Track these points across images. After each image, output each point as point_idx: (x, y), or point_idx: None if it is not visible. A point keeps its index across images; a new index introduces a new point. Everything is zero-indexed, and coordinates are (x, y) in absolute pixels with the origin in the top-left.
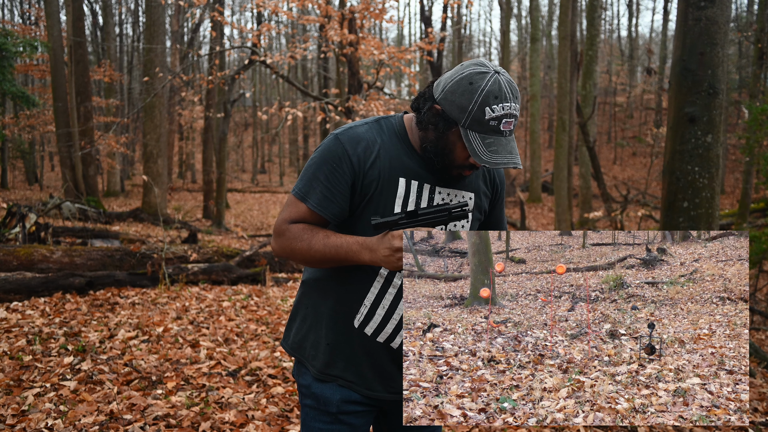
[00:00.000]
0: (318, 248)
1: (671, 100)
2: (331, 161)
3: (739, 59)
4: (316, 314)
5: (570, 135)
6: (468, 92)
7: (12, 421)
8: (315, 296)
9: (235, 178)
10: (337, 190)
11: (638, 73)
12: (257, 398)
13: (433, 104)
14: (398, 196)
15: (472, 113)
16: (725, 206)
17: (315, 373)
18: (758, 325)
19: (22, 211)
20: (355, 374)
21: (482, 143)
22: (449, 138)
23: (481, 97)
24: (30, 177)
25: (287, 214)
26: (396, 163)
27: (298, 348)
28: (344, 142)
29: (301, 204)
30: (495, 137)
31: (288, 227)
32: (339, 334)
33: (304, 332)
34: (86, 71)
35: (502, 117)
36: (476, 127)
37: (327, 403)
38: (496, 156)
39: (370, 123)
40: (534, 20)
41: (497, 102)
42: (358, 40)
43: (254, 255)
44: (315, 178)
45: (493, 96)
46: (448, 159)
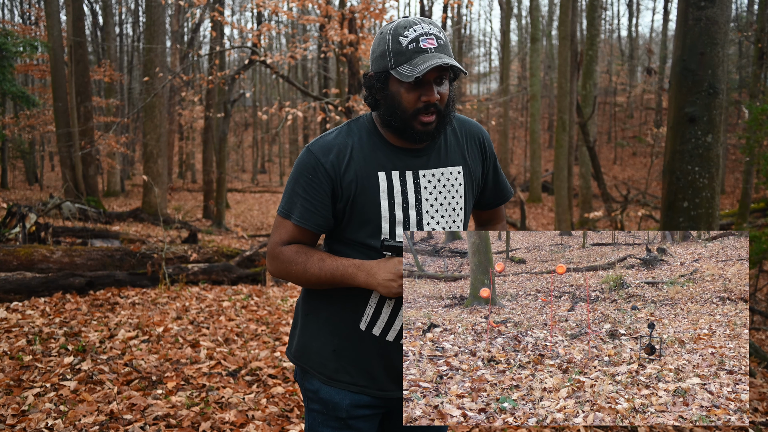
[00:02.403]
0: (314, 272)
1: (671, 100)
2: (306, 174)
3: (739, 59)
4: (318, 321)
5: (570, 135)
6: (381, 39)
7: (12, 421)
8: (316, 303)
9: (235, 178)
10: (317, 200)
11: (638, 73)
12: (257, 398)
13: (368, 75)
14: (382, 190)
15: (390, 51)
16: (725, 206)
17: (324, 379)
18: (758, 325)
19: (22, 211)
20: (367, 378)
21: (411, 67)
22: (391, 90)
23: (391, 34)
24: (30, 177)
25: (278, 236)
26: (371, 159)
27: (301, 356)
28: (316, 153)
29: (287, 222)
30: (421, 56)
31: (281, 250)
32: (345, 340)
33: (306, 340)
34: (86, 71)
35: (417, 37)
36: (401, 59)
37: (336, 408)
38: (422, 64)
39: (339, 128)
40: (534, 20)
41: (407, 29)
42: (358, 40)
43: (254, 255)
44: (294, 194)
45: (402, 27)
46: (401, 111)
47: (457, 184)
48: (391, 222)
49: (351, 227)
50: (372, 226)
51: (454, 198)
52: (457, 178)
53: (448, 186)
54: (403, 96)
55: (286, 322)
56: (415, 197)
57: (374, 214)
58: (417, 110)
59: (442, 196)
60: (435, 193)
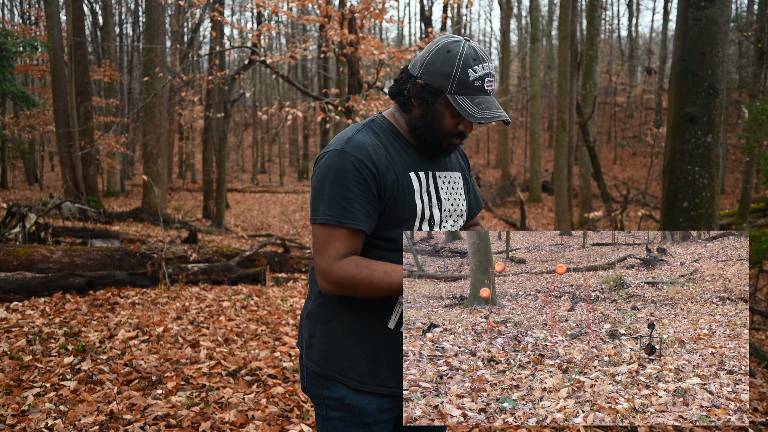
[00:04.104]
0: (382, 287)
1: (671, 100)
2: (350, 175)
3: (739, 59)
4: (342, 326)
5: (570, 135)
6: (449, 59)
7: (12, 421)
8: (337, 308)
9: (235, 178)
10: (368, 201)
11: (638, 73)
12: (257, 398)
13: (416, 80)
14: (416, 190)
15: (456, 77)
16: (725, 206)
17: (355, 384)
18: (758, 325)
19: (22, 211)
20: (396, 378)
21: (472, 104)
22: (437, 108)
23: (462, 61)
24: (30, 177)
25: (333, 251)
26: (401, 159)
27: (327, 364)
28: (353, 153)
29: (339, 230)
30: (482, 96)
31: (340, 266)
32: (374, 341)
33: (331, 347)
34: (86, 71)
35: (484, 76)
36: (463, 90)
37: (363, 414)
38: (488, 112)
39: (362, 129)
40: (534, 20)
41: (477, 63)
42: (358, 40)
43: (254, 255)
44: (341, 198)
45: (472, 58)
46: (438, 130)
47: (459, 187)
48: (421, 220)
49: (387, 226)
50: (408, 225)
51: (459, 201)
52: (458, 182)
53: (455, 188)
54: (446, 119)
55: (286, 322)
56: (437, 196)
57: (411, 213)
58: (450, 134)
59: (453, 197)
60: (449, 194)
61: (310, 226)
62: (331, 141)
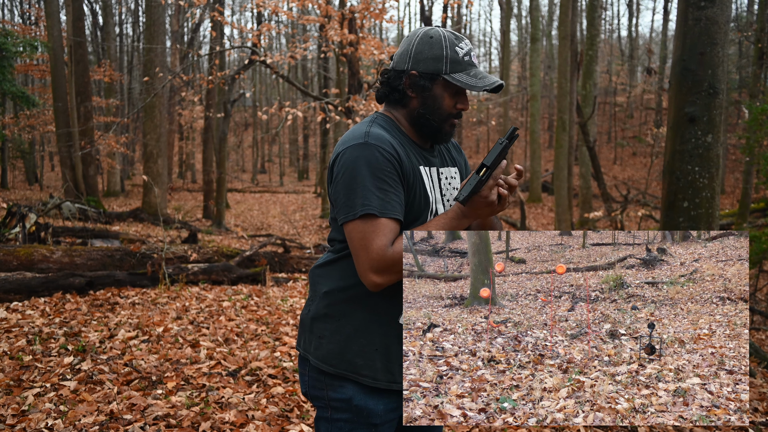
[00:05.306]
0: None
1: (671, 100)
2: (384, 166)
3: (739, 59)
4: (353, 323)
5: (570, 135)
6: (435, 44)
7: (12, 421)
8: (346, 306)
9: (235, 178)
10: (401, 191)
11: (638, 73)
12: (257, 398)
13: (409, 73)
14: (426, 183)
15: (448, 57)
16: (725, 206)
17: (369, 381)
18: (758, 325)
19: (22, 211)
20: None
21: (469, 77)
22: (435, 92)
23: (447, 42)
24: (30, 177)
25: (382, 239)
26: (410, 153)
27: (340, 362)
28: (378, 144)
29: (384, 220)
30: (474, 69)
31: (393, 253)
32: (387, 337)
33: (341, 346)
34: (86, 71)
35: (469, 51)
36: (457, 67)
37: (371, 415)
38: (485, 80)
39: (372, 123)
40: (534, 20)
41: (459, 41)
42: (358, 40)
43: (254, 255)
44: (379, 189)
45: (454, 38)
46: (440, 112)
47: (455, 183)
48: (430, 215)
49: (405, 219)
50: (422, 219)
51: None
52: (455, 177)
53: (454, 184)
54: (446, 100)
55: (286, 322)
56: (440, 192)
57: (425, 206)
58: (450, 114)
59: (451, 193)
60: (449, 189)
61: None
62: (344, 138)
